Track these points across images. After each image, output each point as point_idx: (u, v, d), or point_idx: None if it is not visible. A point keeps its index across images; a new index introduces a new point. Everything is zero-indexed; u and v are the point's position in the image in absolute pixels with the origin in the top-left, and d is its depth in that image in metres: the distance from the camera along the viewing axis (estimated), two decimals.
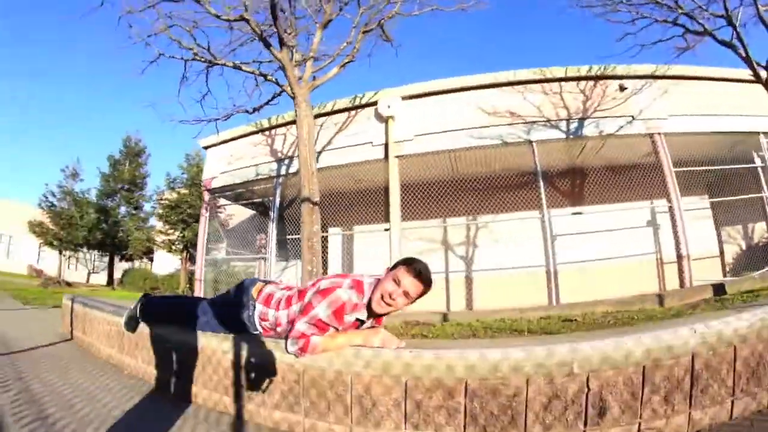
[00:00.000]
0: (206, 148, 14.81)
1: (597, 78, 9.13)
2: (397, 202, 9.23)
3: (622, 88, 8.98)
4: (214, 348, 2.87)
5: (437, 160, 9.51)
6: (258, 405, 2.64)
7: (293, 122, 11.62)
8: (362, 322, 2.61)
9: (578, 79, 9.17)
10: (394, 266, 2.53)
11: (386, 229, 9.18)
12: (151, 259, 30.71)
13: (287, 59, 7.49)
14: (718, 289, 7.01)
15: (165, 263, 28.26)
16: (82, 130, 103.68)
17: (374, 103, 9.92)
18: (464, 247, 10.32)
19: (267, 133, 12.35)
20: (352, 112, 10.56)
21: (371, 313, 2.57)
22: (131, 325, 3.75)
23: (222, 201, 15.01)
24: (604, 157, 9.55)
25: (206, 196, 14.46)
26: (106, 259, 32.75)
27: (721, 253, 10.48)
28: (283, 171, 11.66)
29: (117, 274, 30.78)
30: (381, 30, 8.29)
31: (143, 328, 3.58)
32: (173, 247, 24.83)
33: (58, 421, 2.54)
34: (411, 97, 9.68)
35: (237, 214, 16.31)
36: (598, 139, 8.94)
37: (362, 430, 2.28)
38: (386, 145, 9.57)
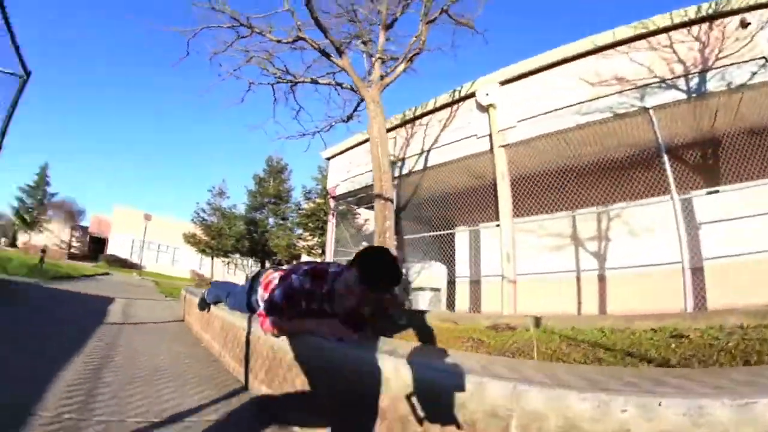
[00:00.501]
0: (328, 159, 15.54)
1: (710, 18, 7.04)
2: (506, 195, 8.42)
3: (744, 24, 6.74)
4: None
5: (546, 145, 8.41)
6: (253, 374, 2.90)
7: (401, 125, 11.64)
8: (326, 312, 2.51)
9: (688, 24, 7.18)
10: (352, 262, 2.40)
11: (497, 225, 8.51)
12: None
13: (349, 65, 7.66)
14: None
15: None
16: (227, 154, 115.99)
17: (473, 94, 9.28)
18: (596, 241, 8.87)
19: None
20: (454, 107, 10.04)
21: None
22: (202, 305, 4.66)
23: (359, 208, 15.59)
24: (746, 118, 7.36)
25: (332, 203, 15.07)
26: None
27: None
28: (396, 173, 11.54)
29: None
30: (449, 17, 7.83)
31: (216, 311, 4.24)
32: (312, 252, 26.55)
33: (116, 363, 3.31)
34: (508, 80, 8.81)
35: (372, 218, 16.76)
36: (728, 94, 6.89)
37: None
38: (490, 136, 8.85)
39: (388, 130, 12.11)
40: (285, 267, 3.14)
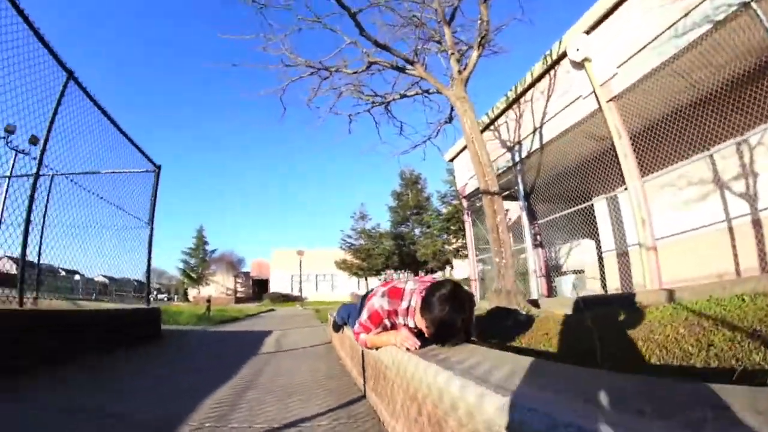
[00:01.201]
0: (451, 160, 15.68)
1: None
2: (628, 152, 7.48)
3: None
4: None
5: (654, 84, 7.21)
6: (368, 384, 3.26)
7: (507, 108, 11.28)
8: (411, 329, 2.56)
9: None
10: (423, 306, 2.35)
11: (625, 189, 7.70)
12: (452, 267, 33.24)
13: (423, 71, 7.81)
14: None
15: (463, 269, 30.33)
16: (362, 183, 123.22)
17: (565, 54, 8.52)
18: (741, 179, 7.26)
19: (491, 127, 12.15)
20: (551, 72, 9.37)
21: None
22: (335, 328, 5.32)
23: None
24: None
25: (464, 203, 15.08)
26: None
27: None
28: (517, 157, 11.20)
29: None
30: None
31: (347, 329, 4.49)
32: (458, 254, 26.67)
33: (260, 383, 3.98)
34: (593, 26, 7.90)
35: (512, 210, 16.43)
36: None
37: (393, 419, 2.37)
38: (595, 93, 8.04)
39: (497, 117, 11.88)
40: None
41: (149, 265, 8.31)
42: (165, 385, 3.85)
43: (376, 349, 2.82)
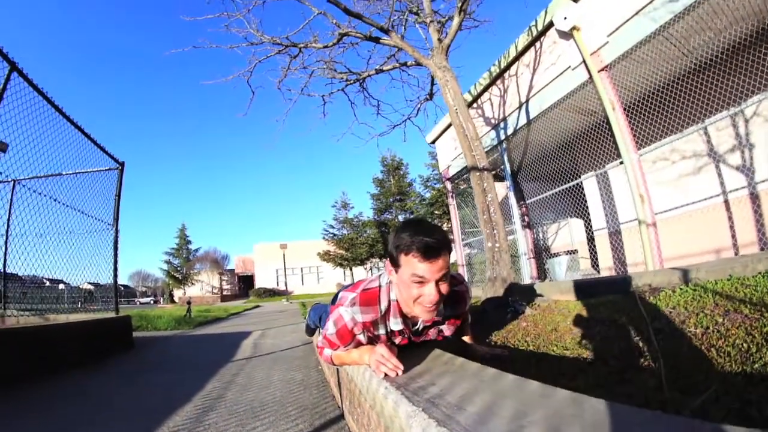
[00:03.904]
0: (432, 142, 15.46)
1: None
2: (622, 125, 7.28)
3: None
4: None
5: (648, 52, 6.95)
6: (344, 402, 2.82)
7: (491, 84, 10.99)
8: (402, 332, 2.08)
9: None
10: (393, 253, 1.81)
11: (621, 163, 7.47)
12: None
13: (399, 41, 7.25)
14: None
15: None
16: (342, 172, 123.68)
17: (552, 24, 8.25)
18: (737, 151, 7.01)
19: (475, 105, 11.86)
20: (536, 45, 9.09)
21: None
22: (308, 331, 4.91)
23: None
24: None
25: (448, 185, 14.85)
26: None
27: None
28: (502, 135, 10.92)
29: None
30: None
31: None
32: None
33: (225, 402, 3.62)
34: None
35: (498, 190, 16.22)
36: None
37: None
38: (584, 63, 7.77)
39: (480, 94, 11.59)
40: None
41: (116, 269, 8.00)
42: (123, 411, 3.47)
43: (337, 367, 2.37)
